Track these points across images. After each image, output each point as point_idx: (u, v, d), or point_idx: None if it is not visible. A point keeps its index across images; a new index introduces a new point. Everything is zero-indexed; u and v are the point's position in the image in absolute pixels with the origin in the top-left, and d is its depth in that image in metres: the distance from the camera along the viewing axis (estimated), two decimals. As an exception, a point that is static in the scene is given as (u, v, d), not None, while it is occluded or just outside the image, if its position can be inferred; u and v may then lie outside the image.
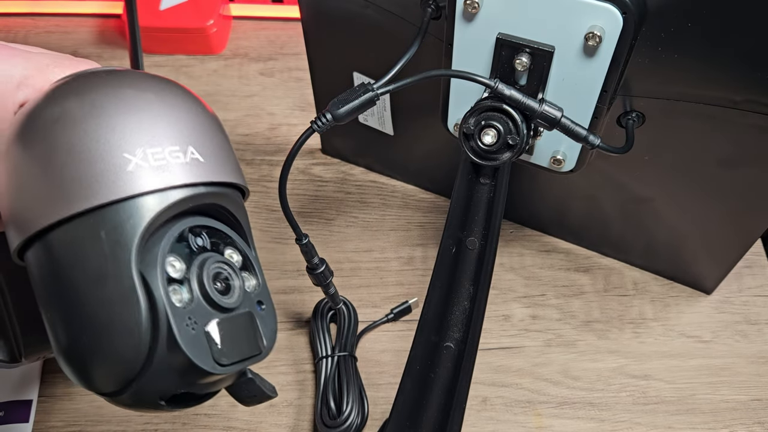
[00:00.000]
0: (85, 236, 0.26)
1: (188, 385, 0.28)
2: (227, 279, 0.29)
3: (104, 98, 0.28)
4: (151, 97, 0.29)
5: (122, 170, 0.26)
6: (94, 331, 0.27)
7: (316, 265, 0.45)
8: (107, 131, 0.27)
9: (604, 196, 0.54)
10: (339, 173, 0.65)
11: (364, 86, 0.37)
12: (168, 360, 0.27)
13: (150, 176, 0.27)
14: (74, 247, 0.26)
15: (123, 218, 0.26)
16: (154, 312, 0.26)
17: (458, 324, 0.41)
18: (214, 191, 0.29)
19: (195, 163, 0.28)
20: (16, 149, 0.28)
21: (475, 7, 0.39)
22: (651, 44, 0.39)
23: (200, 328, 0.27)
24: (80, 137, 0.27)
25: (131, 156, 0.27)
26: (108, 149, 0.27)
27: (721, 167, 0.46)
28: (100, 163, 0.26)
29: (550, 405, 0.53)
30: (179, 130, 0.28)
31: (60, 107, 0.28)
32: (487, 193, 0.41)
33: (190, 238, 0.29)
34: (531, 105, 0.38)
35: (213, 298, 0.28)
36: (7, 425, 0.50)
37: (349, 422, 0.50)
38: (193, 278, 0.28)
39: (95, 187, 0.26)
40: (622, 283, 0.59)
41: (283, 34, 0.76)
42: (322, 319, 0.54)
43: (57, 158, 0.27)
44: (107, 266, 0.26)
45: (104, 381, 0.28)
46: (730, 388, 0.54)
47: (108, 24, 0.77)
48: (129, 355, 0.26)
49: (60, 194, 0.26)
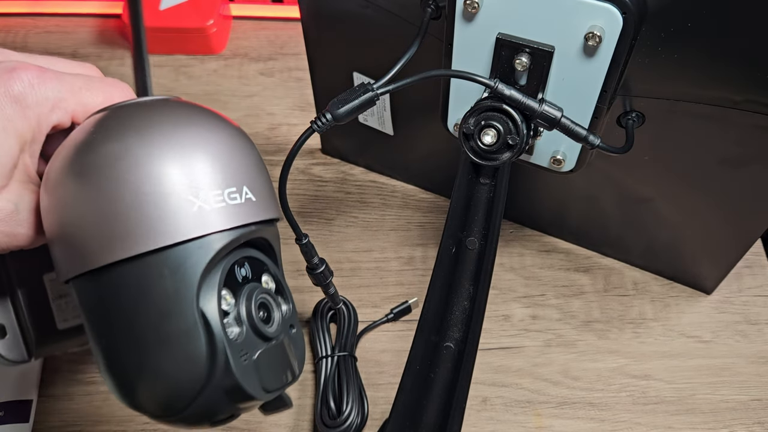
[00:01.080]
0: (150, 274, 0.28)
1: (237, 409, 0.30)
2: (269, 308, 0.31)
3: (165, 139, 0.29)
4: (208, 137, 0.30)
5: (187, 212, 0.28)
6: (154, 363, 0.28)
7: (316, 265, 0.45)
8: (172, 175, 0.28)
9: (604, 196, 0.54)
10: (339, 173, 0.65)
11: (364, 86, 0.37)
12: (222, 389, 0.28)
13: (212, 218, 0.28)
14: (139, 284, 0.28)
15: (188, 257, 0.28)
16: (212, 345, 0.28)
17: (458, 324, 0.41)
18: (263, 228, 0.31)
19: (249, 203, 0.30)
20: (73, 181, 0.29)
21: (475, 7, 0.39)
22: (651, 44, 0.39)
23: (250, 358, 0.29)
24: (145, 178, 0.28)
25: (195, 198, 0.28)
26: (173, 192, 0.28)
27: (721, 167, 0.46)
28: (165, 205, 0.28)
29: (550, 405, 0.53)
30: (235, 172, 0.30)
31: (122, 145, 0.28)
32: (487, 193, 0.41)
33: (235, 270, 0.30)
34: (531, 105, 0.38)
35: (260, 329, 0.30)
36: (7, 425, 0.50)
37: (349, 422, 0.50)
38: (242, 311, 0.30)
39: (161, 230, 0.27)
40: (622, 283, 0.59)
41: (283, 34, 0.76)
42: (321, 319, 0.54)
43: (122, 197, 0.27)
44: (170, 303, 0.28)
45: (156, 407, 0.29)
46: (730, 388, 0.54)
47: (108, 24, 0.77)
48: (186, 385, 0.28)
49: (127, 234, 0.27)
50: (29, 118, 0.30)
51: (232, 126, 0.31)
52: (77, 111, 0.31)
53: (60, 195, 0.29)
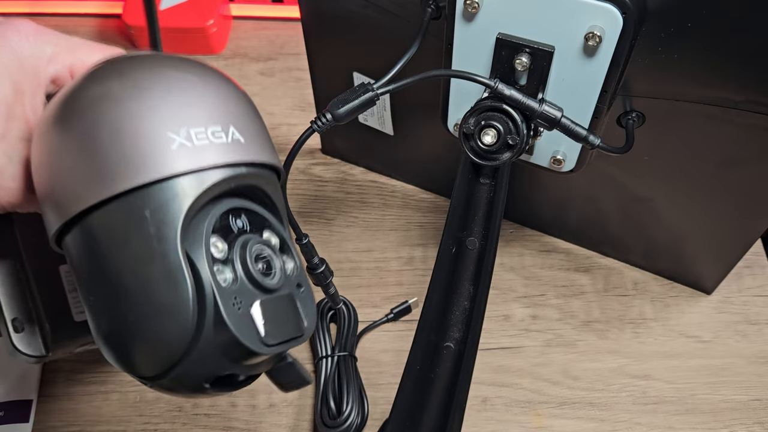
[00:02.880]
0: (130, 216, 0.26)
1: (233, 367, 0.28)
2: (268, 260, 0.29)
3: (147, 79, 0.28)
4: (192, 78, 0.29)
5: (167, 149, 0.26)
6: (140, 312, 0.26)
7: (316, 265, 0.45)
8: (151, 110, 0.27)
9: (604, 196, 0.54)
10: (339, 173, 0.65)
11: (364, 86, 0.37)
12: (214, 340, 0.26)
13: (194, 155, 0.27)
14: (119, 227, 0.26)
15: (168, 197, 0.26)
16: (200, 292, 0.26)
17: (458, 324, 0.41)
18: (254, 172, 0.29)
19: (237, 143, 0.28)
20: (55, 129, 0.28)
21: (475, 7, 0.39)
22: (651, 44, 0.39)
23: (245, 308, 0.27)
24: (124, 116, 0.27)
25: (175, 135, 0.27)
26: (152, 128, 0.26)
27: (721, 167, 0.46)
28: (144, 142, 0.26)
29: (550, 405, 0.53)
30: (221, 111, 0.28)
31: (102, 86, 0.27)
32: (487, 193, 0.41)
33: (230, 220, 0.28)
34: (531, 105, 0.38)
35: (256, 279, 0.28)
36: (7, 425, 0.50)
37: (349, 422, 0.50)
38: (236, 258, 0.28)
39: (140, 166, 0.26)
40: (622, 283, 0.59)
41: (283, 34, 0.76)
42: (322, 319, 0.54)
43: (100, 137, 0.26)
44: (152, 246, 0.26)
45: (149, 364, 0.27)
46: (730, 388, 0.54)
47: (108, 24, 0.77)
48: (175, 335, 0.26)
49: (104, 174, 0.26)
50: (25, 69, 0.30)
51: (217, 71, 0.30)
52: (75, 66, 0.31)
53: (44, 144, 0.28)
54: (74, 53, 0.31)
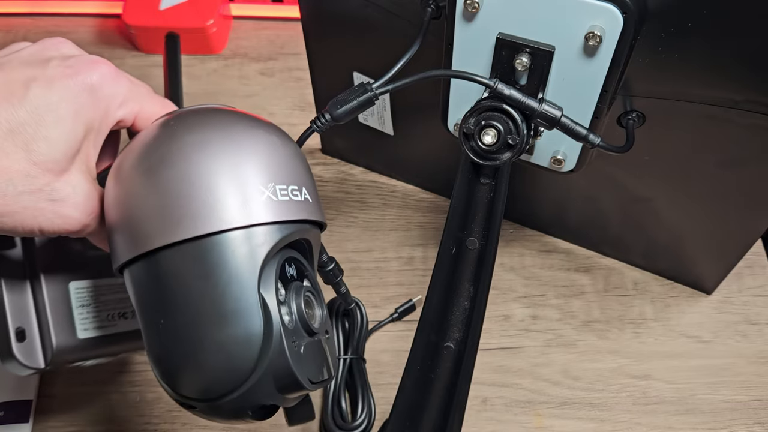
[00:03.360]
0: (220, 253, 0.29)
1: (278, 399, 0.31)
2: (312, 306, 0.33)
3: (241, 134, 0.31)
4: (275, 140, 0.32)
5: (257, 200, 0.30)
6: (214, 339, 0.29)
7: (325, 262, 0.45)
8: (247, 164, 0.30)
9: (605, 196, 0.54)
10: (339, 173, 0.65)
11: (363, 86, 0.37)
12: (272, 372, 0.29)
13: (278, 209, 0.30)
14: (207, 261, 0.29)
15: (252, 242, 0.29)
16: (268, 328, 0.29)
17: (458, 324, 0.41)
18: (314, 229, 0.33)
19: (307, 202, 0.32)
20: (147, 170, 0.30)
21: (475, 6, 0.39)
22: (651, 44, 0.39)
23: (298, 347, 0.31)
24: (222, 165, 0.30)
25: (265, 189, 0.30)
26: (246, 180, 0.30)
27: (722, 167, 0.46)
28: (239, 190, 0.30)
29: (550, 405, 0.53)
30: (297, 172, 0.32)
31: (201, 135, 0.31)
32: (487, 193, 0.41)
33: (285, 267, 0.32)
34: (531, 105, 0.38)
35: (307, 322, 0.31)
36: (7, 425, 0.50)
37: (364, 425, 0.50)
38: (292, 302, 0.31)
39: (234, 212, 0.29)
40: (622, 283, 0.59)
41: (283, 34, 0.76)
42: (336, 319, 0.54)
43: (203, 181, 0.30)
44: (233, 283, 0.29)
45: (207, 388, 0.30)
46: (730, 388, 0.54)
47: (108, 24, 0.77)
48: (241, 364, 0.29)
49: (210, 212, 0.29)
50: (99, 108, 0.32)
51: (287, 135, 0.34)
52: (140, 114, 0.34)
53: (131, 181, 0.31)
54: (141, 102, 0.34)
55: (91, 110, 0.32)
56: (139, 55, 0.74)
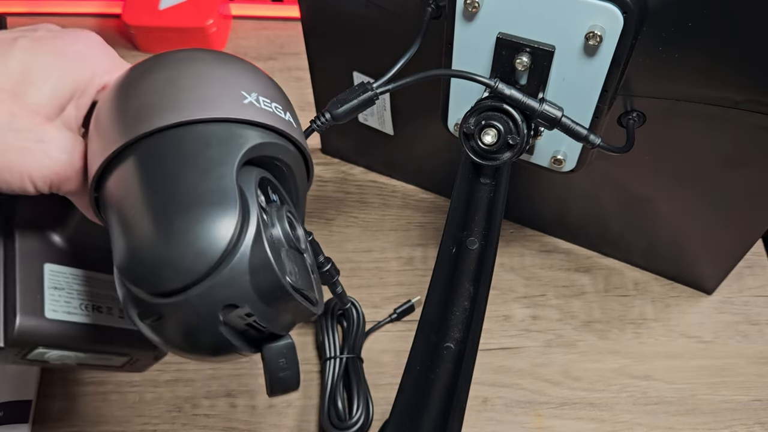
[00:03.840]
0: (200, 139, 0.30)
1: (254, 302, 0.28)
2: (294, 227, 0.32)
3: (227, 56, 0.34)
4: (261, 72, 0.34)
5: (239, 101, 0.31)
6: (188, 218, 0.28)
7: (322, 263, 0.45)
8: (231, 73, 0.32)
9: (605, 196, 0.54)
10: (339, 173, 0.65)
11: (363, 86, 0.37)
12: (248, 261, 0.27)
13: (260, 113, 0.31)
14: (191, 146, 0.29)
15: (234, 134, 0.30)
16: (246, 216, 0.28)
17: (458, 324, 0.40)
18: (295, 153, 0.33)
19: (291, 124, 0.33)
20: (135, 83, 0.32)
21: (476, 6, 0.39)
22: (652, 44, 0.38)
23: (278, 247, 0.30)
24: (208, 71, 0.32)
25: (247, 95, 0.31)
26: (230, 84, 0.31)
27: (722, 167, 0.46)
28: (223, 90, 0.31)
29: (550, 405, 0.53)
30: (283, 97, 0.34)
31: (189, 52, 0.33)
32: (488, 193, 0.41)
33: (268, 189, 0.32)
34: (531, 104, 0.38)
35: (290, 233, 0.31)
36: (7, 425, 0.50)
37: (360, 423, 0.50)
38: (273, 212, 0.31)
39: (217, 105, 0.30)
40: (622, 283, 0.59)
41: (283, 34, 0.76)
42: (331, 319, 0.54)
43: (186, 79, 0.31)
44: (214, 167, 0.29)
45: (177, 273, 0.27)
46: (730, 388, 0.54)
47: (108, 24, 0.77)
48: (214, 243, 0.27)
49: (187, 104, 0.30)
50: (86, 69, 0.33)
51: None
52: None
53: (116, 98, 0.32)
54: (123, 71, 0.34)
55: (78, 70, 0.32)
56: (139, 54, 0.74)
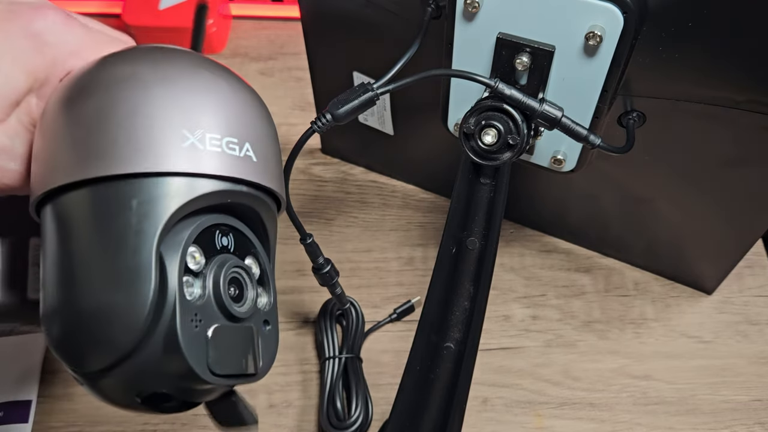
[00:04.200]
0: (118, 201, 0.25)
1: (173, 386, 0.27)
2: (242, 286, 0.28)
3: (178, 72, 0.27)
4: (223, 84, 0.28)
5: (177, 146, 0.26)
6: (96, 300, 0.25)
7: (322, 264, 0.45)
8: (173, 103, 0.26)
9: (605, 196, 0.54)
10: (339, 173, 0.65)
11: (363, 86, 0.37)
12: (161, 352, 0.25)
13: (201, 159, 0.26)
14: (104, 209, 0.25)
15: (160, 193, 0.25)
16: (162, 298, 0.25)
17: (458, 324, 0.41)
18: (254, 194, 0.28)
19: (247, 160, 0.27)
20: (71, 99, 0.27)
21: (475, 6, 0.39)
22: (652, 44, 0.38)
23: (203, 328, 0.26)
24: (145, 100, 0.26)
25: (190, 134, 0.26)
26: (169, 120, 0.26)
27: (722, 167, 0.46)
28: (157, 131, 0.26)
29: (550, 405, 0.53)
30: (241, 124, 0.28)
31: (132, 68, 0.27)
32: (488, 193, 0.41)
33: (216, 235, 0.28)
34: (531, 105, 0.38)
35: (224, 302, 0.27)
36: (7, 425, 0.50)
37: (359, 423, 0.50)
38: (209, 275, 0.27)
39: (143, 155, 0.25)
40: (622, 283, 0.59)
41: (283, 34, 0.76)
42: (330, 319, 0.54)
43: (116, 114, 0.26)
44: (129, 237, 0.25)
45: (89, 357, 0.26)
46: (730, 388, 0.54)
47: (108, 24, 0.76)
48: (123, 334, 0.25)
49: (106, 151, 0.25)
50: (45, 56, 0.29)
51: (251, 88, 0.30)
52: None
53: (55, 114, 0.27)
54: (98, 50, 0.30)
55: (35, 58, 0.28)
56: (139, 54, 0.74)
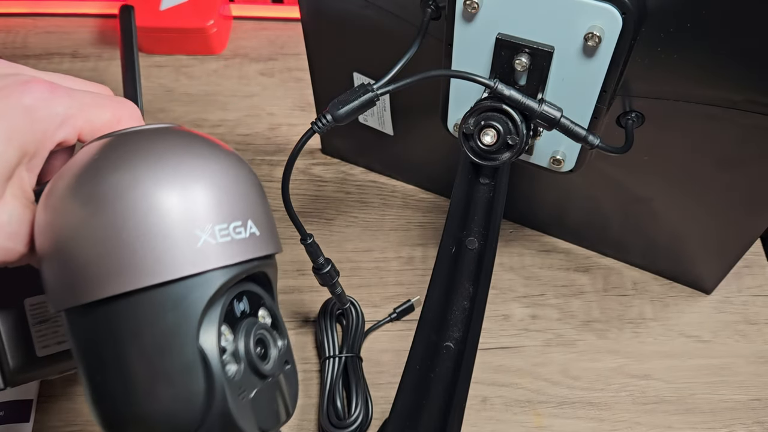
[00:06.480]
0: (151, 309, 0.27)
1: None
2: (266, 344, 0.30)
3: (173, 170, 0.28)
4: (213, 168, 0.29)
5: (193, 247, 0.27)
6: (149, 402, 0.27)
7: (322, 264, 0.45)
8: (179, 206, 0.27)
9: (604, 196, 0.54)
10: (339, 173, 0.65)
11: (363, 87, 0.37)
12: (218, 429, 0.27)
13: (217, 253, 0.27)
14: (137, 320, 0.27)
15: (190, 293, 0.27)
16: (210, 383, 0.27)
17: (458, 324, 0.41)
18: (264, 263, 0.30)
19: (253, 238, 0.29)
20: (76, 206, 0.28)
21: (475, 7, 0.39)
22: (650, 44, 0.39)
23: (247, 396, 0.28)
24: (153, 210, 0.27)
25: (201, 233, 0.27)
26: (180, 225, 0.27)
27: (721, 167, 0.46)
28: (172, 238, 0.27)
29: (549, 405, 0.53)
30: (241, 205, 0.29)
31: (131, 174, 0.27)
32: (487, 193, 0.41)
33: (234, 304, 0.29)
34: (530, 105, 0.38)
35: (257, 367, 0.29)
36: (7, 425, 0.50)
37: (359, 422, 0.50)
38: (240, 347, 0.29)
39: (164, 263, 0.26)
40: (621, 283, 0.59)
41: (283, 34, 0.76)
42: (330, 318, 0.54)
43: (129, 229, 0.27)
44: (169, 340, 0.27)
45: None
46: (729, 387, 0.54)
47: (108, 24, 0.77)
48: (182, 425, 0.27)
49: (132, 265, 0.26)
50: (35, 132, 0.29)
51: (235, 156, 0.31)
52: (84, 128, 0.31)
53: (60, 217, 0.28)
54: (85, 115, 0.31)
55: (26, 134, 0.29)
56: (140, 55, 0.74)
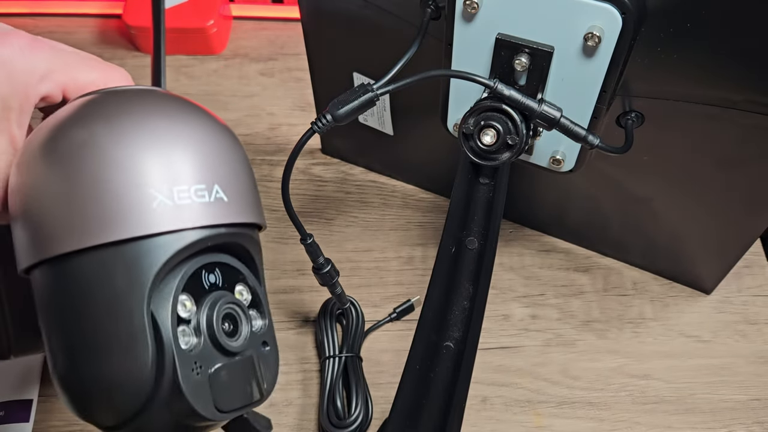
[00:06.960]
0: (102, 269, 0.26)
1: (185, 429, 0.28)
2: (236, 320, 0.29)
3: (133, 127, 0.27)
4: (183, 129, 0.28)
5: (147, 207, 0.26)
6: (98, 365, 0.26)
7: (322, 264, 0.45)
8: (135, 164, 0.26)
9: (604, 196, 0.54)
10: (339, 173, 0.66)
11: (363, 87, 0.37)
12: (169, 404, 0.26)
13: (174, 215, 0.26)
14: (89, 279, 0.26)
15: (142, 255, 0.26)
16: (161, 355, 0.26)
17: (458, 323, 0.41)
18: (233, 231, 0.29)
19: (219, 203, 0.28)
20: (40, 164, 0.27)
21: (475, 7, 0.39)
22: (650, 44, 0.39)
23: (204, 372, 0.27)
24: (107, 167, 0.26)
25: (157, 193, 0.26)
26: (135, 183, 0.26)
27: (721, 167, 0.46)
28: (125, 196, 0.26)
29: (549, 404, 0.53)
30: (207, 167, 0.28)
31: (88, 131, 0.27)
32: (487, 192, 0.41)
33: (203, 275, 0.28)
34: (530, 105, 0.38)
35: (220, 342, 0.28)
36: (8, 425, 0.50)
37: (359, 422, 0.50)
38: (202, 319, 0.27)
39: (119, 221, 0.26)
40: (621, 282, 0.59)
41: (283, 34, 0.76)
42: (330, 318, 0.54)
43: (82, 186, 0.26)
44: (119, 303, 0.26)
45: (101, 416, 0.27)
46: (729, 387, 0.54)
47: (108, 24, 0.77)
48: (131, 394, 0.26)
49: (83, 223, 0.26)
50: (15, 85, 0.28)
51: (213, 121, 0.30)
52: (69, 86, 0.30)
53: (27, 175, 0.28)
54: (69, 71, 0.30)
55: (4, 87, 0.28)
56: (140, 55, 0.74)
